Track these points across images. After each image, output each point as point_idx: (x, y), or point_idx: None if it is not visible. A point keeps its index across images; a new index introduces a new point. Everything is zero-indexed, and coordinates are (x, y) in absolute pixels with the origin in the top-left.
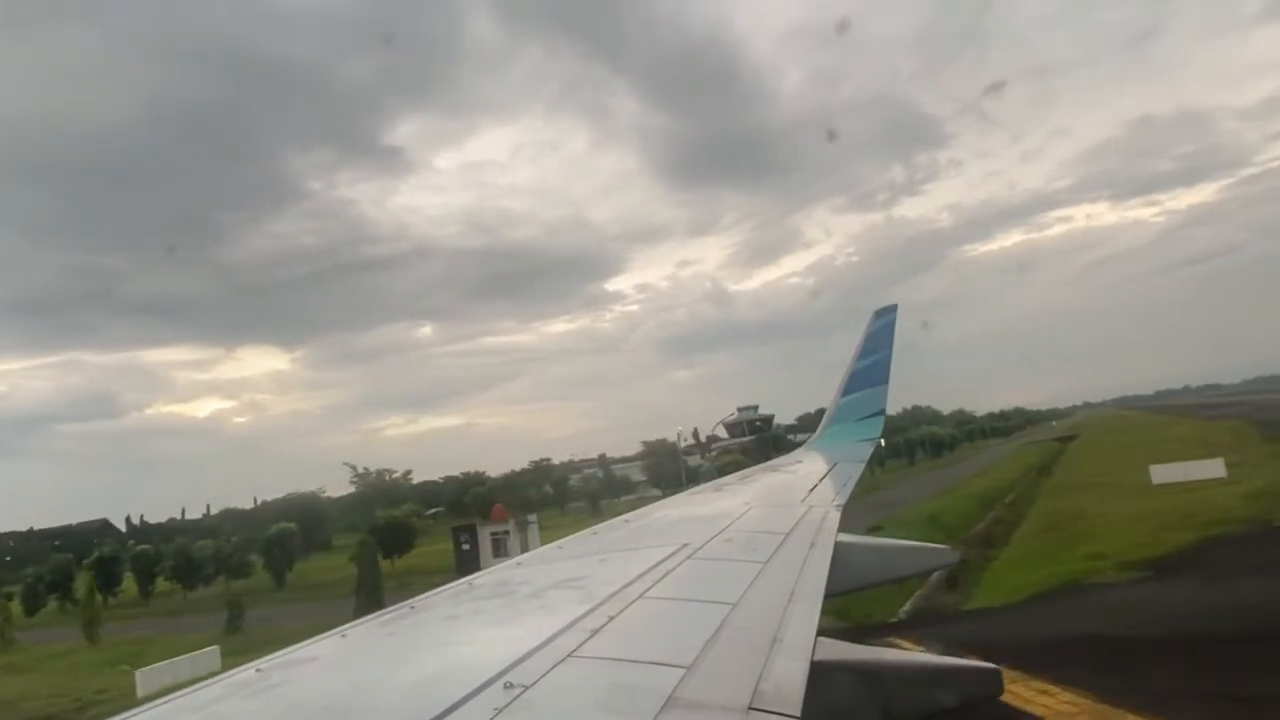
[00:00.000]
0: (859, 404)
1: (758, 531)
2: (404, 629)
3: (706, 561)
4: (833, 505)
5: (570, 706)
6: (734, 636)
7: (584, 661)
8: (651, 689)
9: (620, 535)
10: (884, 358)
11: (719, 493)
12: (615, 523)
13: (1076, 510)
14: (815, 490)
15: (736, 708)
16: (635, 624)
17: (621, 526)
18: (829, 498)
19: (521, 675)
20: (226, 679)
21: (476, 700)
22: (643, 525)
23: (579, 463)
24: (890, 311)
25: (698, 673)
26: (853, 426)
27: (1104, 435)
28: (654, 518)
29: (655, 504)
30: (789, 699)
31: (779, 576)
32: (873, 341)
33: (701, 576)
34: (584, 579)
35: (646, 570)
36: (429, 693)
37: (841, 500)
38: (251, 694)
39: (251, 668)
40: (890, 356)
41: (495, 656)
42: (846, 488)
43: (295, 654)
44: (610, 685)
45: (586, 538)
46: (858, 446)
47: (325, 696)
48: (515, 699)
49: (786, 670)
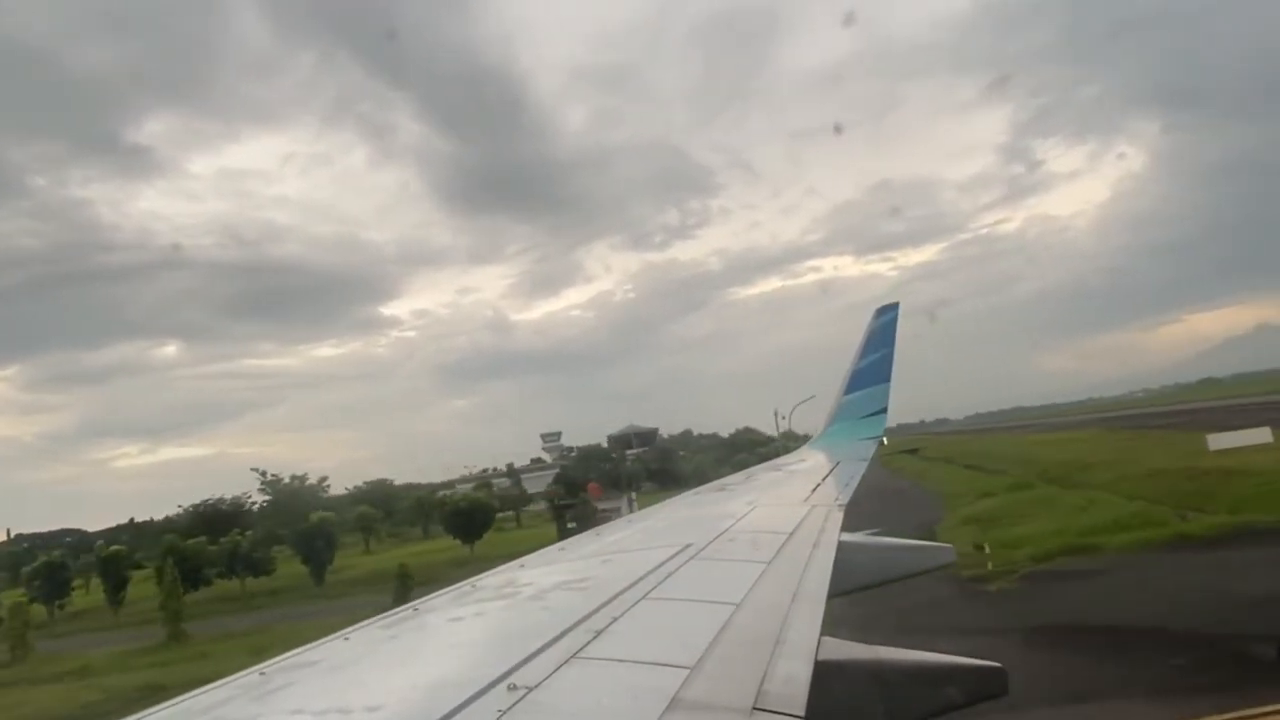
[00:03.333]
0: (861, 402)
1: (761, 531)
2: (407, 631)
3: (710, 562)
4: (835, 504)
5: (575, 708)
6: (738, 637)
7: (588, 663)
8: (656, 690)
9: (623, 536)
10: (885, 356)
11: (722, 492)
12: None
13: None
14: (818, 489)
15: (741, 708)
16: (639, 625)
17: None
18: (832, 497)
19: (526, 677)
20: (230, 682)
21: (480, 702)
22: (646, 525)
23: (457, 480)
24: (892, 309)
25: (702, 673)
26: (855, 425)
27: (946, 448)
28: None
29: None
30: (793, 699)
31: (783, 576)
32: (874, 340)
33: (705, 577)
34: (587, 580)
35: (650, 571)
36: (433, 695)
37: (844, 499)
38: (255, 697)
39: (255, 671)
40: (892, 354)
41: (499, 658)
42: (849, 487)
43: (298, 657)
44: (615, 686)
45: (589, 538)
46: (860, 445)
47: (329, 699)
48: (519, 700)
49: (791, 670)
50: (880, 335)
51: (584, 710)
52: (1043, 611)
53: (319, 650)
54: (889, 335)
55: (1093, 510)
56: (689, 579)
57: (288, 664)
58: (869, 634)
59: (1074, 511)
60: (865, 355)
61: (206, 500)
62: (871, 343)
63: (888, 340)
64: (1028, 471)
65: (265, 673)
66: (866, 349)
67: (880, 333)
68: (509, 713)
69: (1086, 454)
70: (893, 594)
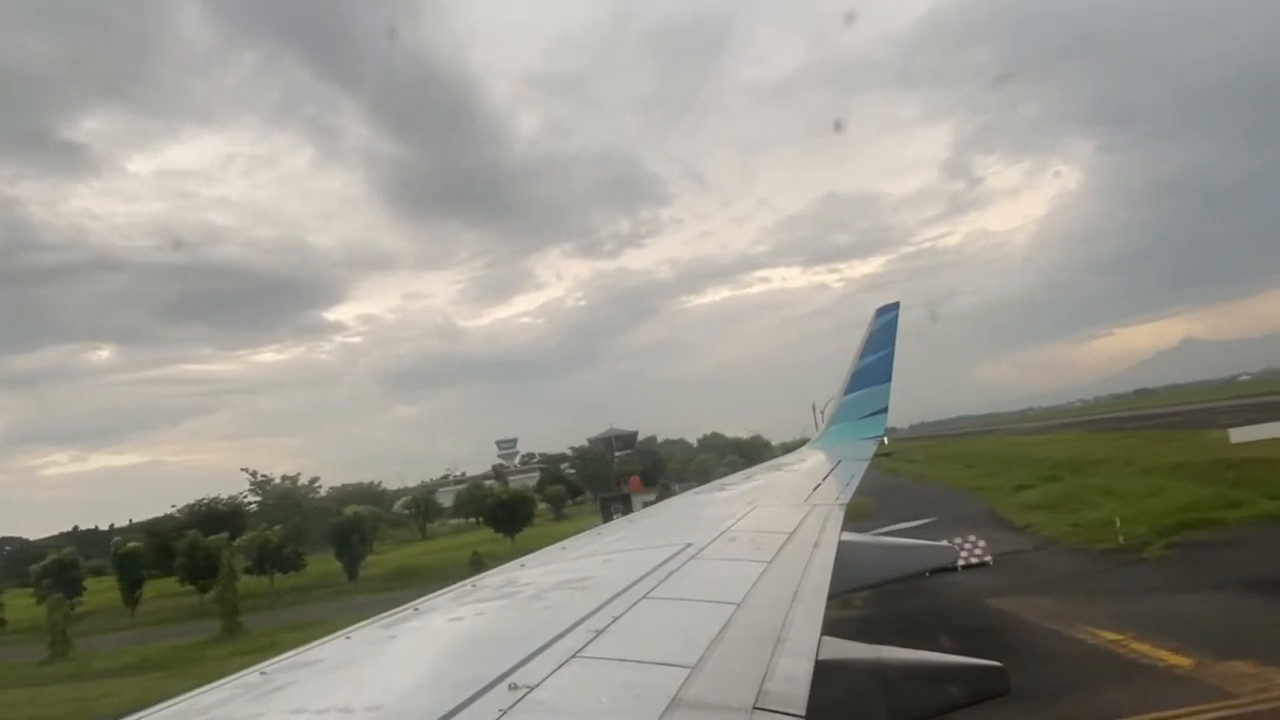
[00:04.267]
0: (861, 402)
1: (761, 531)
2: (408, 630)
3: (710, 561)
4: (836, 504)
5: (575, 707)
6: (739, 636)
7: (589, 662)
8: (656, 689)
9: (624, 535)
10: (886, 356)
11: (723, 492)
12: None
13: None
14: (819, 489)
15: (742, 708)
16: (640, 624)
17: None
18: (832, 496)
19: (526, 676)
20: (231, 681)
21: (481, 702)
22: (647, 525)
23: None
24: (893, 309)
25: (703, 673)
26: (855, 425)
27: (916, 452)
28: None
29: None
30: (794, 699)
31: (783, 576)
32: (875, 340)
33: (706, 576)
34: (588, 579)
35: (650, 570)
36: (433, 694)
37: (845, 499)
38: (256, 697)
39: (256, 670)
40: (893, 355)
41: (500, 657)
42: (849, 486)
43: (299, 656)
44: (615, 686)
45: (590, 538)
46: (860, 445)
47: (330, 698)
48: (520, 700)
49: (791, 670)
50: (880, 335)
51: (584, 710)
52: (1223, 571)
53: (319, 650)
54: (889, 335)
55: (1165, 495)
56: (689, 578)
57: (288, 664)
58: (1093, 605)
59: (1146, 496)
60: (865, 355)
61: (201, 500)
62: (872, 343)
63: (888, 340)
64: (1035, 468)
65: (266, 672)
66: (867, 349)
67: (880, 333)
68: (509, 712)
69: (1083, 452)
70: (1068, 568)
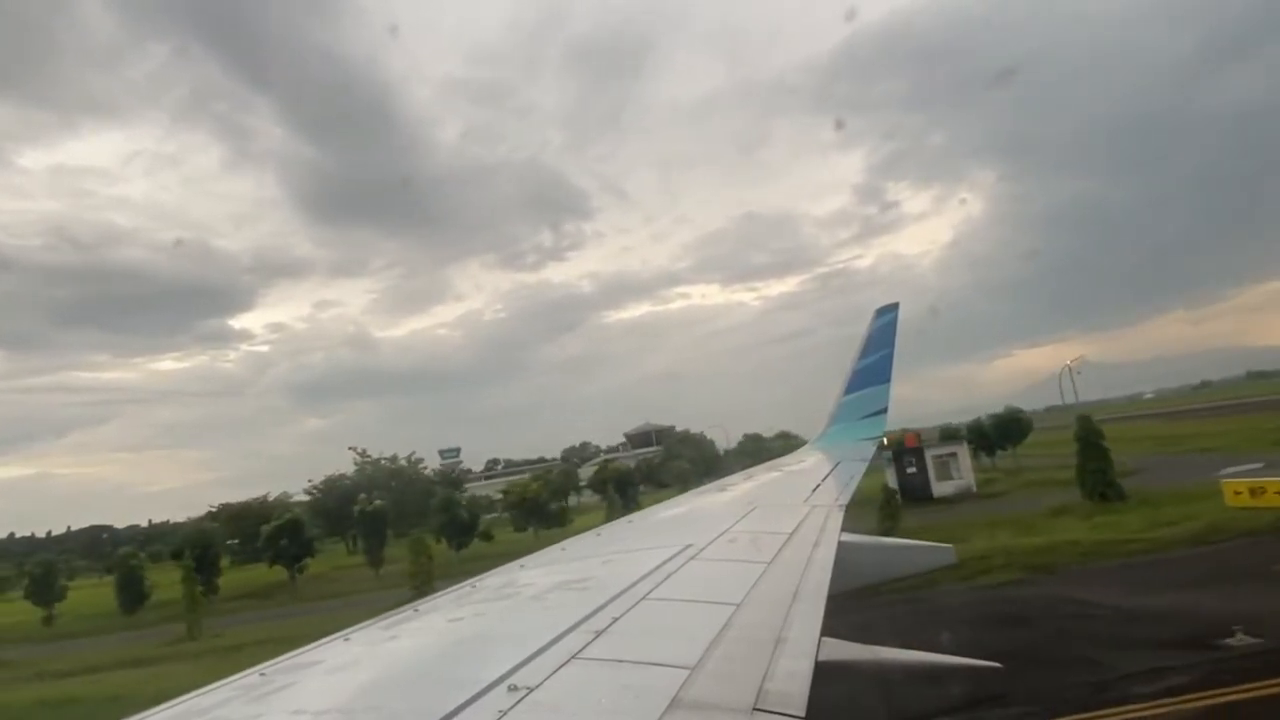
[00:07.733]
0: (861, 403)
1: (761, 531)
2: (408, 631)
3: (710, 562)
4: (836, 505)
5: (575, 708)
6: (738, 637)
7: (588, 663)
8: (656, 690)
9: (623, 536)
10: (886, 356)
11: (723, 492)
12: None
13: None
14: (818, 490)
15: (741, 708)
16: (639, 625)
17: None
18: (832, 497)
19: (526, 677)
20: (231, 682)
21: (481, 702)
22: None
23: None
24: (892, 309)
25: (702, 673)
26: (854, 425)
27: None
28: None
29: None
30: (794, 699)
31: (783, 577)
32: (874, 340)
33: (705, 577)
34: (587, 580)
35: (650, 571)
36: (433, 696)
37: (844, 500)
38: (256, 698)
39: (255, 671)
40: (892, 355)
41: (499, 659)
42: (849, 487)
43: (299, 657)
44: (615, 687)
45: (590, 538)
46: (860, 445)
47: (329, 700)
48: (520, 701)
49: (791, 670)
50: (880, 335)
51: (584, 711)
52: None
53: (319, 650)
54: (889, 335)
55: None
56: (689, 579)
57: (288, 664)
58: None
59: None
60: (865, 356)
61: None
62: (871, 343)
63: (888, 340)
64: None
65: (265, 673)
66: (866, 349)
67: (880, 333)
68: (509, 713)
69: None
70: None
